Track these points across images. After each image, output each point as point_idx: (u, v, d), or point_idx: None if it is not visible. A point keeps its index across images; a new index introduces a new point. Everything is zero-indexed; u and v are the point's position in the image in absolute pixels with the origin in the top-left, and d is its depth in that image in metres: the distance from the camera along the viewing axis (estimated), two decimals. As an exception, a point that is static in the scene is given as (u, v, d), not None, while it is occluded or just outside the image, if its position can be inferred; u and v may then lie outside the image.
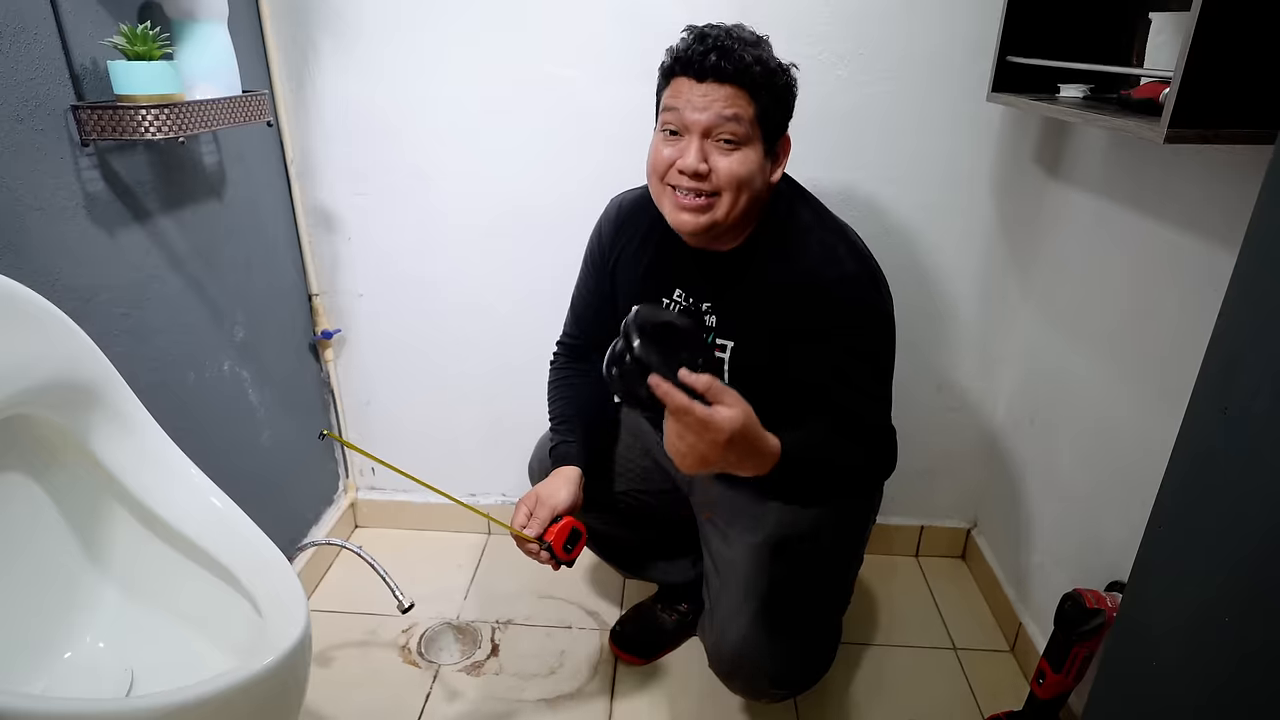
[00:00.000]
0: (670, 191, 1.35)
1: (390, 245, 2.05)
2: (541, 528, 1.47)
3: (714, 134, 1.30)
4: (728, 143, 1.30)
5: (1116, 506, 1.56)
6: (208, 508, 1.15)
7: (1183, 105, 1.02)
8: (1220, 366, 0.83)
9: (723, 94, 1.28)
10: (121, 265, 1.42)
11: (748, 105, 1.29)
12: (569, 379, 1.68)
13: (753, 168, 1.32)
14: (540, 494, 1.50)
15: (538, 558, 1.48)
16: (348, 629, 1.99)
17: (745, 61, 1.27)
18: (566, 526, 1.47)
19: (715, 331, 1.48)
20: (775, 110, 1.33)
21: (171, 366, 1.56)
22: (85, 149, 1.32)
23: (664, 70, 1.36)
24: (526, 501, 1.51)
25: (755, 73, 1.28)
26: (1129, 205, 1.55)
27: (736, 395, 1.15)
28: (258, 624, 1.05)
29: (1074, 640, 1.47)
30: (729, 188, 1.32)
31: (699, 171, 1.30)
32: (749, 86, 1.28)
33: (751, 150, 1.32)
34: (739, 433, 1.12)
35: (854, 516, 1.62)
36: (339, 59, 1.86)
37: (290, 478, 2.06)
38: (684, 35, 1.33)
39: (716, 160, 1.31)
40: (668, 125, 1.34)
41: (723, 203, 1.33)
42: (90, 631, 1.18)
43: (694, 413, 1.10)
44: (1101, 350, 1.64)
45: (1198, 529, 0.86)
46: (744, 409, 1.14)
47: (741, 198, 1.34)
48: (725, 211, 1.34)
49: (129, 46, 1.28)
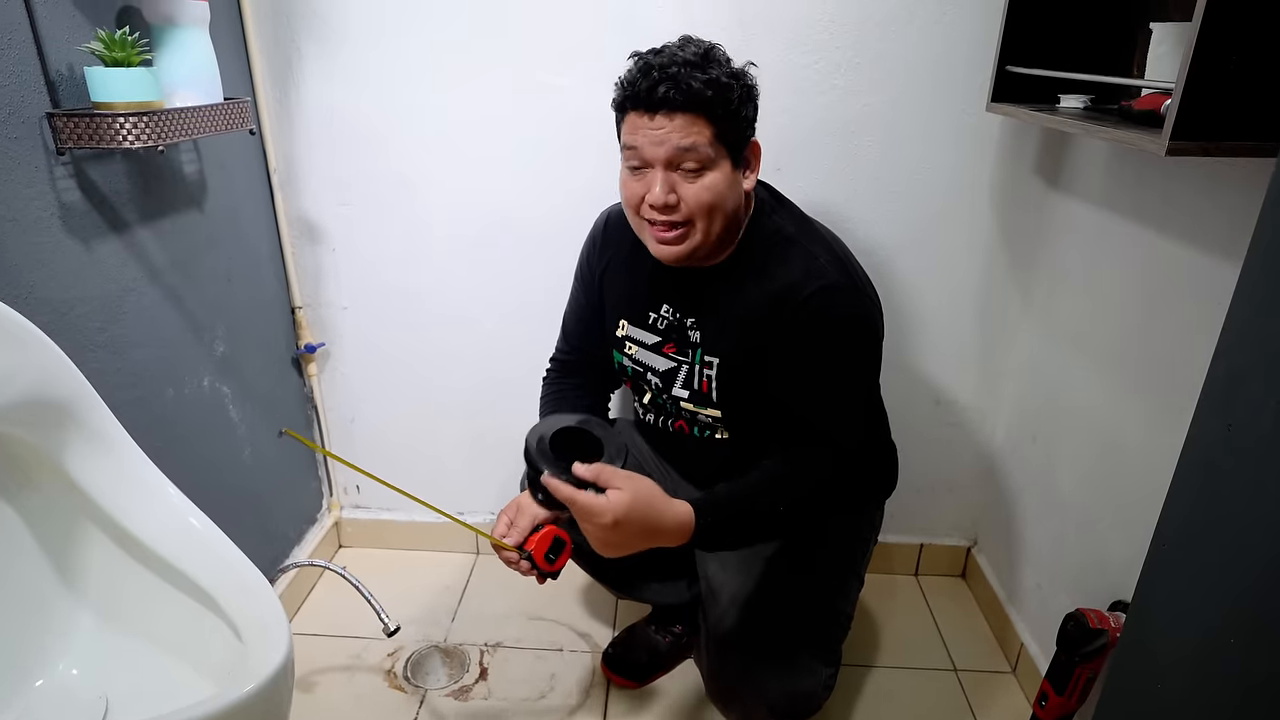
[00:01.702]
0: (646, 225, 1.38)
1: (375, 256, 2.05)
2: (521, 537, 1.46)
3: (676, 164, 1.31)
4: (692, 170, 1.31)
5: (1119, 524, 1.57)
6: (186, 529, 1.14)
7: (1184, 117, 1.03)
8: (1224, 381, 0.83)
9: (676, 124, 1.28)
10: (98, 277, 1.42)
11: (704, 129, 1.29)
12: (561, 393, 1.68)
13: (722, 189, 1.33)
14: (521, 502, 1.49)
15: (519, 568, 1.47)
16: (331, 653, 1.98)
17: (693, 88, 1.26)
18: (548, 535, 1.45)
19: (701, 348, 1.49)
20: (734, 123, 1.32)
21: (149, 382, 1.56)
22: (61, 158, 1.32)
23: (615, 106, 1.36)
24: (508, 511, 1.50)
25: (707, 96, 1.27)
26: (1130, 217, 1.56)
27: (630, 478, 1.24)
28: (238, 649, 1.04)
29: (1077, 661, 1.47)
30: (700, 215, 1.34)
31: (668, 204, 1.32)
32: (702, 110, 1.28)
33: (718, 172, 1.32)
34: (624, 515, 1.21)
35: (853, 539, 1.62)
36: (323, 65, 1.87)
37: (272, 496, 2.05)
38: (629, 66, 1.33)
39: (684, 189, 1.32)
40: (630, 161, 1.35)
41: (697, 229, 1.35)
42: (64, 658, 1.17)
43: (577, 502, 1.22)
44: (1103, 365, 1.64)
45: (1203, 546, 0.87)
46: (631, 491, 1.23)
47: (716, 220, 1.35)
48: (702, 237, 1.36)
49: (107, 52, 1.28)
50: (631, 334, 1.57)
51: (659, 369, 1.54)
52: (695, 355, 1.50)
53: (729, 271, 1.44)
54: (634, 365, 1.58)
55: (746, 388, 1.46)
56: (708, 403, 1.51)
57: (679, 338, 1.52)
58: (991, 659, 2.03)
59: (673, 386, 1.54)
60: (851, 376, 1.42)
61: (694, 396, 1.52)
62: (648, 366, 1.56)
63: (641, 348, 1.56)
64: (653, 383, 1.56)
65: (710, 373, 1.48)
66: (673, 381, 1.54)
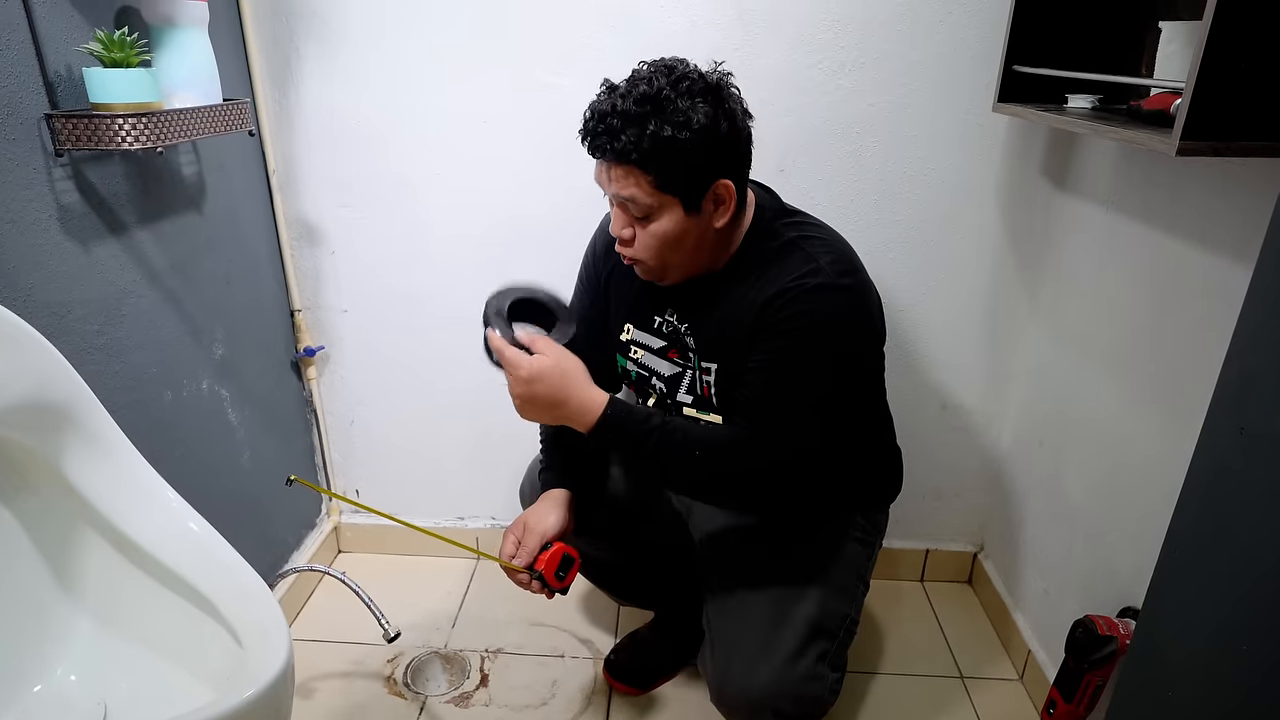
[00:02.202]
0: None
1: (375, 258, 2.05)
2: (530, 557, 1.46)
3: (624, 207, 1.34)
4: (639, 216, 1.34)
5: (1128, 530, 1.56)
6: (185, 533, 1.14)
7: (1195, 116, 1.03)
8: (1236, 384, 0.83)
9: (616, 173, 1.31)
10: (96, 280, 1.42)
11: (641, 179, 1.29)
12: None
13: (671, 234, 1.34)
14: (528, 521, 1.50)
15: (529, 588, 1.48)
16: (331, 659, 1.98)
17: (627, 143, 1.26)
18: (557, 553, 1.47)
19: (698, 354, 1.49)
20: (680, 174, 1.29)
21: (147, 385, 1.56)
22: (59, 159, 1.32)
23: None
24: (514, 530, 1.50)
25: (641, 151, 1.26)
26: (1139, 218, 1.55)
27: (561, 351, 1.37)
28: (237, 655, 1.04)
29: (1086, 668, 1.47)
30: (650, 255, 1.37)
31: (624, 238, 1.37)
32: (636, 164, 1.28)
33: (665, 219, 1.33)
34: (537, 375, 1.34)
35: (859, 543, 1.62)
36: (323, 66, 1.87)
37: (271, 501, 2.05)
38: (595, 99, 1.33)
39: (637, 229, 1.36)
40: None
41: (653, 266, 1.40)
42: (62, 663, 1.17)
43: (504, 355, 1.35)
44: (1112, 368, 1.64)
45: (1215, 552, 0.86)
46: (554, 359, 1.35)
47: (671, 257, 1.38)
48: (658, 273, 1.42)
49: (105, 53, 1.28)
50: (637, 338, 1.57)
51: (664, 373, 1.55)
52: (695, 361, 1.50)
53: (725, 279, 1.44)
54: (639, 369, 1.58)
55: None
56: (709, 408, 1.51)
57: (679, 344, 1.52)
58: (998, 666, 2.02)
59: (677, 392, 1.54)
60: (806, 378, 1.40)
61: (697, 402, 1.52)
62: (653, 371, 1.56)
63: (647, 352, 1.56)
64: (657, 387, 1.56)
65: (709, 379, 1.49)
66: (677, 387, 1.54)
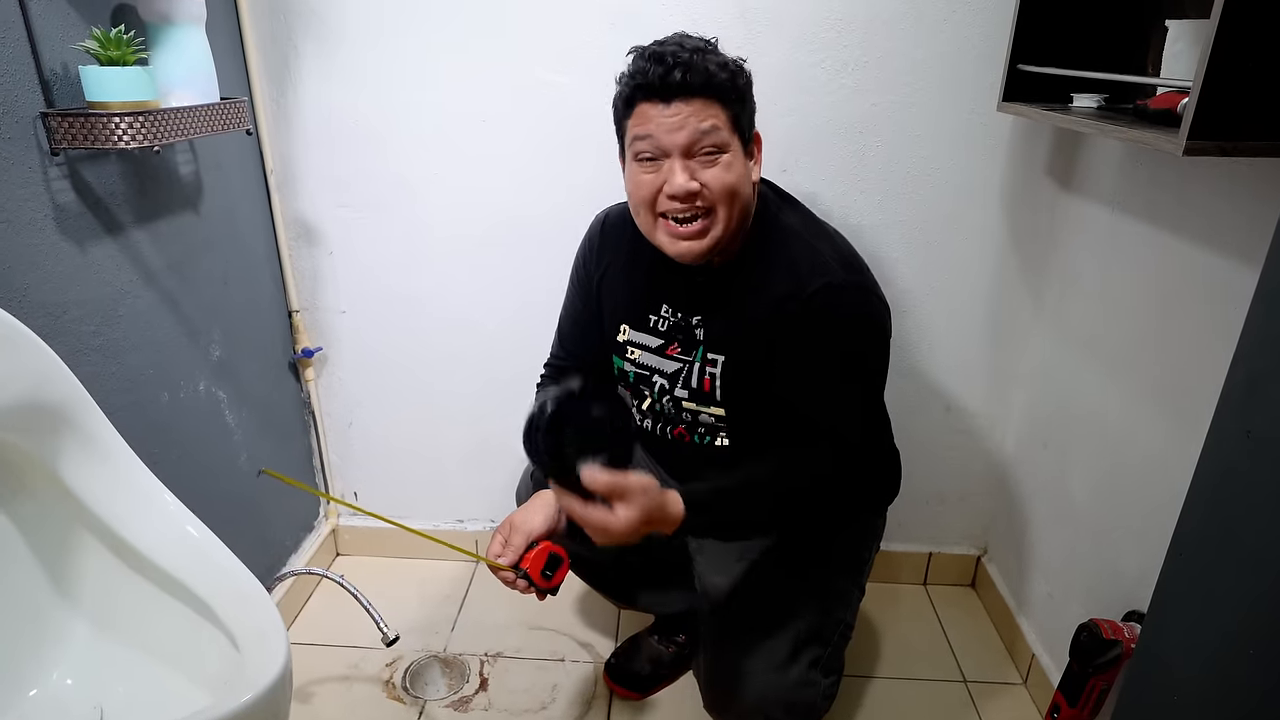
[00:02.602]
0: (664, 223, 1.37)
1: (374, 259, 2.05)
2: (516, 555, 1.46)
3: (695, 150, 1.32)
4: (709, 154, 1.32)
5: (1133, 533, 1.56)
6: (183, 536, 1.14)
7: (1202, 116, 1.02)
8: (1243, 387, 0.83)
9: (694, 109, 1.30)
10: (92, 280, 1.42)
11: (721, 112, 1.31)
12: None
13: (740, 173, 1.35)
14: (514, 521, 1.50)
15: (516, 587, 1.47)
16: (329, 663, 1.98)
17: (710, 71, 1.29)
18: (543, 552, 1.46)
19: (704, 345, 1.49)
20: (744, 109, 1.36)
21: (144, 386, 1.56)
22: (55, 158, 1.32)
23: (624, 99, 1.36)
24: (501, 530, 1.50)
25: (722, 80, 1.30)
26: (1145, 219, 1.55)
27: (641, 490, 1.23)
28: (235, 659, 1.03)
29: (1090, 673, 1.47)
30: (723, 200, 1.34)
31: (691, 191, 1.32)
32: (718, 94, 1.30)
33: (734, 156, 1.34)
34: (633, 530, 1.23)
35: (855, 546, 1.62)
36: (321, 64, 1.87)
37: (269, 503, 2.05)
38: (634, 60, 1.34)
39: (705, 175, 1.32)
40: (643, 154, 1.34)
41: (719, 218, 1.35)
42: (58, 667, 1.17)
43: (590, 521, 1.24)
44: (1117, 370, 1.64)
45: (1221, 555, 0.86)
46: (640, 505, 1.23)
47: (736, 207, 1.36)
48: (724, 227, 1.36)
49: (102, 51, 1.28)
50: (634, 338, 1.57)
51: (666, 371, 1.54)
52: (699, 353, 1.50)
53: (735, 269, 1.44)
54: (637, 370, 1.58)
55: (751, 386, 1.47)
56: (710, 401, 1.51)
57: (684, 337, 1.51)
58: (1002, 670, 2.02)
59: (675, 388, 1.54)
60: (855, 374, 1.42)
61: (695, 395, 1.52)
62: (654, 370, 1.55)
63: (646, 351, 1.56)
64: (657, 385, 1.56)
65: (714, 370, 1.48)
66: (676, 382, 1.54)
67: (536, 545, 1.46)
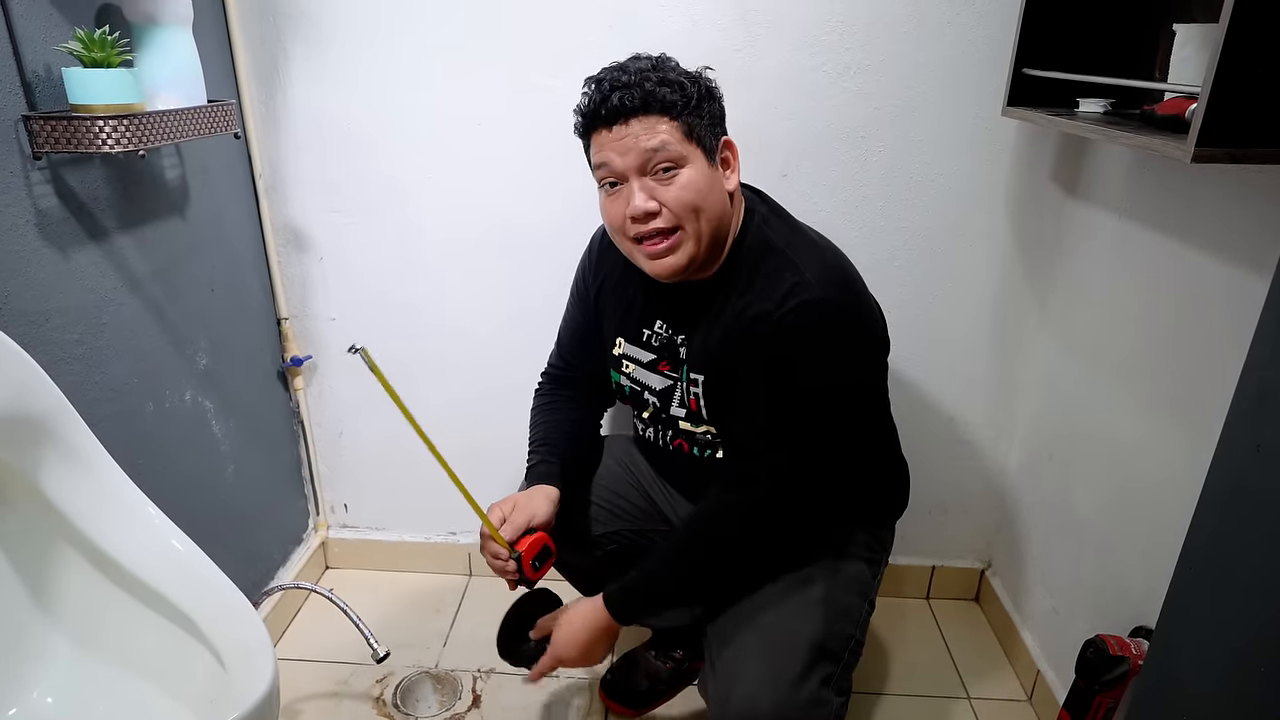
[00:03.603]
0: (637, 245, 1.38)
1: (365, 265, 2.05)
2: (516, 533, 1.46)
3: (649, 168, 1.33)
4: (666, 170, 1.32)
5: (1141, 547, 1.56)
6: (167, 550, 1.14)
7: (1211, 122, 1.02)
8: (1254, 398, 0.83)
9: (640, 127, 1.31)
10: (75, 287, 1.41)
11: (670, 126, 1.32)
12: (554, 404, 1.69)
13: (701, 185, 1.34)
14: (519, 501, 1.50)
15: (504, 569, 1.48)
16: (318, 679, 1.97)
17: (646, 89, 1.30)
18: (539, 541, 1.47)
19: (687, 364, 1.50)
20: (700, 119, 1.35)
21: (129, 396, 1.55)
22: (37, 162, 1.32)
23: (579, 132, 1.40)
24: (502, 506, 1.50)
25: (663, 95, 1.31)
26: (1153, 227, 1.56)
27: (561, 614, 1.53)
28: (221, 676, 1.03)
29: (1097, 690, 1.47)
30: (686, 215, 1.34)
31: (649, 211, 1.33)
32: (663, 109, 1.31)
33: (693, 168, 1.34)
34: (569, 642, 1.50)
35: (864, 561, 1.61)
36: (311, 66, 1.87)
37: (256, 516, 2.04)
38: (584, 92, 1.37)
39: (663, 193, 1.33)
40: (605, 180, 1.37)
41: (688, 233, 1.35)
42: (39, 685, 1.16)
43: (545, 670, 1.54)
44: (1124, 381, 1.64)
45: (1231, 571, 0.86)
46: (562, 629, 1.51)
47: (703, 220, 1.36)
48: (694, 242, 1.36)
49: (85, 52, 1.28)
50: (628, 352, 1.58)
51: (655, 388, 1.55)
52: (684, 372, 1.50)
53: (717, 285, 1.45)
54: (631, 384, 1.59)
55: (730, 406, 1.47)
56: (700, 420, 1.51)
57: (670, 355, 1.52)
58: (1006, 686, 2.02)
59: (670, 406, 1.54)
60: (817, 395, 1.39)
61: (689, 415, 1.53)
62: (645, 385, 1.56)
63: (639, 366, 1.56)
64: (650, 401, 1.56)
65: (697, 390, 1.49)
66: (670, 400, 1.54)
67: (534, 533, 1.46)
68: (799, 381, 1.37)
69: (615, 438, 1.83)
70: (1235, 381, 0.85)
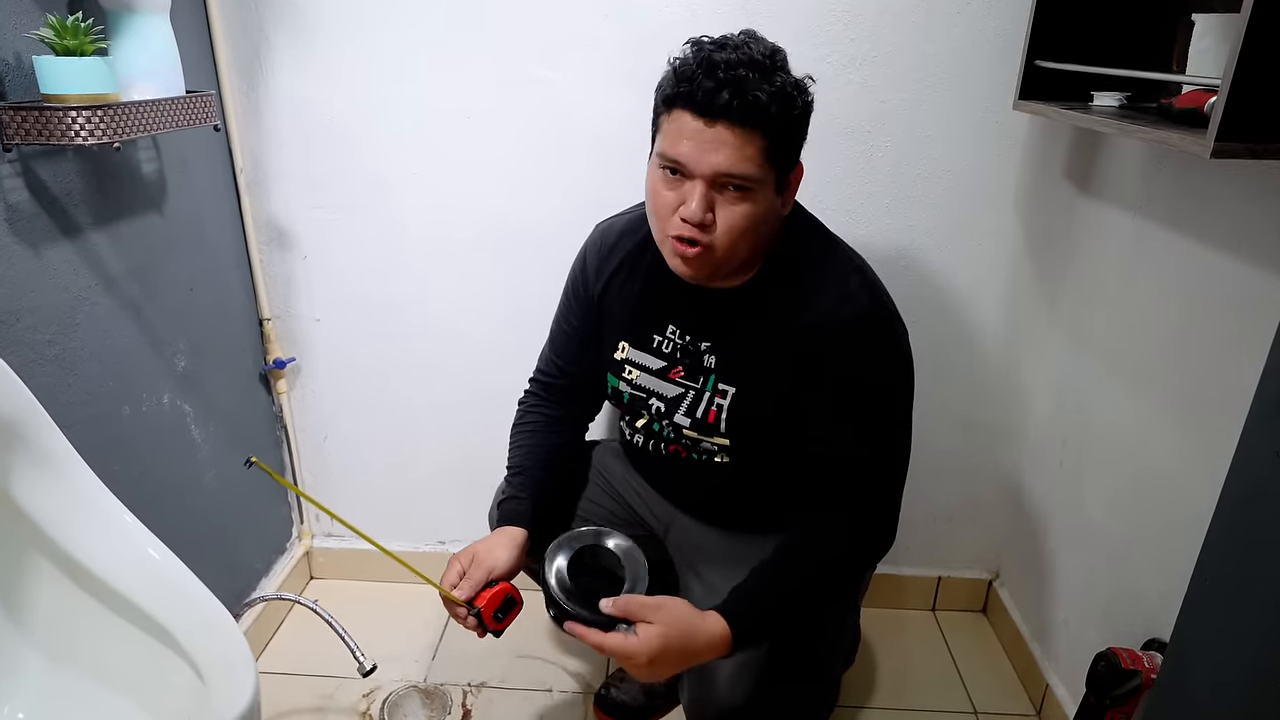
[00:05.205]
0: (671, 240, 1.33)
1: (350, 263, 2.04)
2: (473, 590, 1.46)
3: (720, 181, 1.27)
4: (736, 189, 1.28)
5: (1154, 557, 1.56)
6: (144, 560, 1.13)
7: (1231, 116, 1.02)
8: (1273, 403, 0.83)
9: (734, 138, 1.23)
10: (47, 285, 1.41)
11: (760, 145, 1.25)
12: (535, 425, 1.68)
13: (760, 214, 1.31)
14: (477, 552, 1.49)
15: (464, 623, 1.47)
16: (301, 693, 1.97)
17: (761, 101, 1.22)
18: (501, 593, 1.46)
19: (715, 374, 1.48)
20: (788, 143, 1.30)
21: (104, 399, 1.55)
22: (7, 154, 1.31)
23: (664, 97, 1.30)
24: (461, 558, 1.49)
25: (772, 112, 1.23)
26: (1169, 224, 1.56)
27: (659, 607, 1.29)
28: (200, 691, 1.03)
29: (1108, 705, 1.46)
30: (728, 241, 1.30)
31: (704, 223, 1.29)
32: (762, 127, 1.24)
33: (760, 195, 1.29)
34: (658, 652, 1.26)
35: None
36: (295, 57, 1.86)
37: (237, 524, 2.04)
38: (687, 54, 1.28)
39: (721, 211, 1.29)
40: (667, 164, 1.30)
41: (719, 253, 1.32)
42: (9, 701, 1.16)
43: (606, 646, 1.28)
44: (1138, 384, 1.64)
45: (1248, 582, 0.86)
46: (662, 624, 1.27)
47: (743, 245, 1.33)
48: (723, 261, 1.34)
49: (57, 40, 1.27)
50: (632, 357, 1.56)
51: (666, 395, 1.53)
52: (708, 382, 1.48)
53: (753, 294, 1.43)
54: (632, 390, 1.56)
55: (762, 421, 1.46)
56: (714, 432, 1.49)
57: (690, 362, 1.50)
58: (1015, 701, 2.02)
59: (675, 414, 1.52)
60: (888, 412, 1.41)
61: (698, 425, 1.50)
62: (651, 392, 1.54)
63: (645, 373, 1.54)
64: (654, 408, 1.55)
65: (723, 401, 1.47)
66: (677, 409, 1.52)
67: (495, 585, 1.46)
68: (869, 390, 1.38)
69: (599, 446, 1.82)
70: (1254, 385, 0.85)
